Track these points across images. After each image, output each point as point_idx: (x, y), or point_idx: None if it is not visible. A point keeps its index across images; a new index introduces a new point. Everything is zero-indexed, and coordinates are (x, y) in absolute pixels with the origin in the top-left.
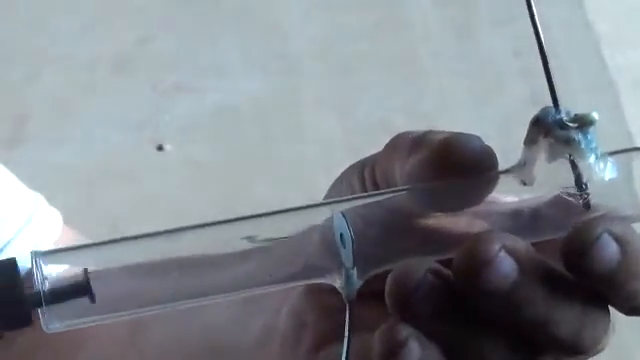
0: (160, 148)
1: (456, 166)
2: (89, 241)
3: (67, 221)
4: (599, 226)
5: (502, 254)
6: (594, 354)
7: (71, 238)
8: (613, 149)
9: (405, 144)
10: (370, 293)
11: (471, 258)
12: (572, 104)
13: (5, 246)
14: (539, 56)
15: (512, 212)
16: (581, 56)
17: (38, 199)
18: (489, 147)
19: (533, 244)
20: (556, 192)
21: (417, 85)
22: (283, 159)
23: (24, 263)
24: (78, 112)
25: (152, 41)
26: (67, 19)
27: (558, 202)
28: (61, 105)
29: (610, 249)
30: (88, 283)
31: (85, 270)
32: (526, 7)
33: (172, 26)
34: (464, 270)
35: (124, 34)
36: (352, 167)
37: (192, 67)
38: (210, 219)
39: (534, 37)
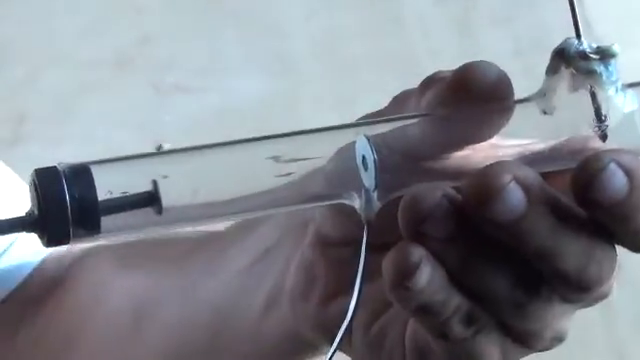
0: (160, 148)
1: (474, 94)
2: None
3: None
4: (607, 156)
5: (512, 185)
6: (597, 297)
7: None
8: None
9: (412, 90)
10: (387, 244)
11: (480, 187)
12: None
13: (9, 246)
14: (539, 55)
15: (530, 147)
16: None
17: None
18: (506, 74)
19: (547, 178)
20: (575, 125)
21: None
22: None
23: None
24: (78, 112)
25: (152, 41)
26: (67, 19)
27: (576, 137)
28: (61, 104)
29: (617, 179)
30: (157, 194)
31: (154, 181)
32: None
33: (172, 26)
34: (473, 198)
35: (124, 34)
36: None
37: (192, 67)
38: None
39: (534, 37)
